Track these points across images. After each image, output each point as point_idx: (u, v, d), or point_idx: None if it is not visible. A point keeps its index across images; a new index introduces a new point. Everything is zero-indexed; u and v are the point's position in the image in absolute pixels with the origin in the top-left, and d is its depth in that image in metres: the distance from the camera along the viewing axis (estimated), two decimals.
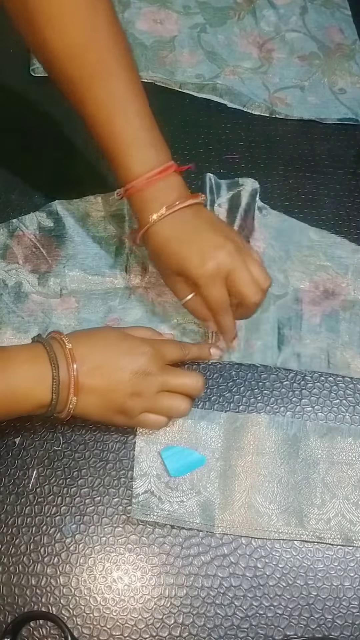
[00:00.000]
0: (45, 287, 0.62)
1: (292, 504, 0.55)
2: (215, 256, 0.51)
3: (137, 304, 0.62)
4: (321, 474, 0.56)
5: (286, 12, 0.84)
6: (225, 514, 0.54)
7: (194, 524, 0.54)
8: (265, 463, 0.56)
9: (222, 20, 0.83)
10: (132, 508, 0.54)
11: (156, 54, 0.79)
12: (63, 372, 0.49)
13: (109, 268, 0.64)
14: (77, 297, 0.62)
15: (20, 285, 0.62)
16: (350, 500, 0.55)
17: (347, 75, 0.80)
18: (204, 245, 0.51)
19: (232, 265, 0.51)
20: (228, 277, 0.52)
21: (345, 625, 0.52)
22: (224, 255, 0.51)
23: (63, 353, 0.50)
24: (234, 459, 0.56)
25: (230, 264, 0.51)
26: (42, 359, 0.49)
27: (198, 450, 0.56)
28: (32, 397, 0.49)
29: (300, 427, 0.57)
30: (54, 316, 0.61)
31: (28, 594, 0.51)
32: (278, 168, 0.72)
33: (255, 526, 0.54)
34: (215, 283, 0.52)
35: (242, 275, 0.52)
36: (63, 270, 0.63)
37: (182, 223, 0.52)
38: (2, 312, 0.61)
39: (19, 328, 0.60)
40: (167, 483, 0.55)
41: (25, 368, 0.49)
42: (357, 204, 0.71)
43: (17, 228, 0.65)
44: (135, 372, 0.51)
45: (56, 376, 0.49)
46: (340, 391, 0.60)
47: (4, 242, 0.64)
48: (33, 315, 0.61)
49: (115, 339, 0.53)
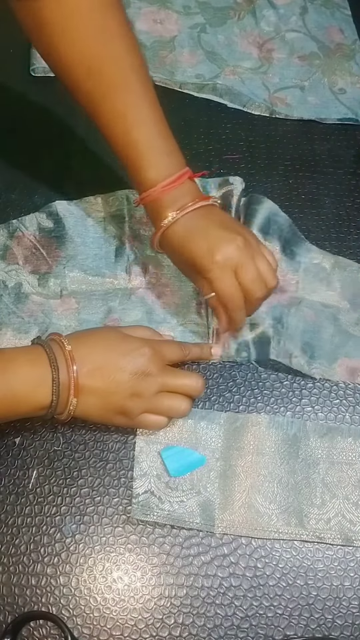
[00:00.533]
0: (45, 287, 0.62)
1: (292, 504, 0.55)
2: (223, 250, 0.52)
3: (137, 304, 0.62)
4: (321, 474, 0.56)
5: (286, 12, 0.84)
6: (225, 514, 0.54)
7: (194, 524, 0.54)
8: (265, 463, 0.56)
9: (222, 20, 0.83)
10: (132, 508, 0.54)
11: (156, 54, 0.79)
12: (63, 374, 0.49)
13: (109, 269, 0.64)
14: (77, 297, 0.62)
15: (20, 286, 0.62)
16: (350, 500, 0.55)
17: (347, 75, 0.80)
18: (213, 241, 0.52)
19: (239, 259, 0.52)
20: (236, 271, 0.52)
21: (345, 625, 0.52)
22: (232, 249, 0.52)
23: (63, 355, 0.50)
24: (234, 459, 0.56)
25: (238, 257, 0.52)
26: (42, 361, 0.49)
27: (198, 450, 0.56)
28: (33, 399, 0.49)
29: (300, 427, 0.57)
30: (54, 317, 0.61)
31: (28, 594, 0.51)
32: (278, 168, 0.72)
33: (255, 526, 0.54)
34: (224, 276, 0.52)
35: (249, 270, 0.52)
36: (63, 271, 0.63)
37: (194, 223, 0.53)
38: (2, 313, 0.61)
39: (19, 329, 0.60)
40: (167, 483, 0.55)
41: (25, 370, 0.49)
42: (357, 204, 0.71)
43: (17, 229, 0.65)
44: (135, 373, 0.51)
45: (56, 378, 0.49)
46: (340, 391, 0.60)
47: (4, 242, 0.64)
48: (33, 316, 0.61)
49: (115, 340, 0.53)
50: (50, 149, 0.72)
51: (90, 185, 0.68)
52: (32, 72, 0.76)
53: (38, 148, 0.72)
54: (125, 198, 0.67)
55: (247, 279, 0.52)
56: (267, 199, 0.67)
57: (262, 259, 0.54)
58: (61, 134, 0.73)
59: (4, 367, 0.49)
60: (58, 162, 0.71)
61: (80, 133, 0.72)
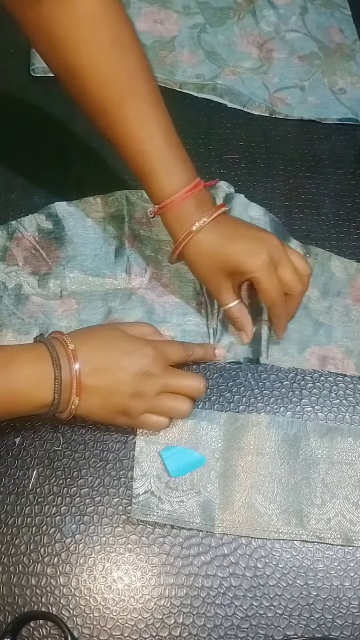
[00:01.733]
0: (45, 288, 0.62)
1: (292, 504, 0.55)
2: (266, 249, 0.53)
3: (137, 304, 0.62)
4: (321, 474, 0.56)
5: (286, 12, 0.84)
6: (225, 514, 0.54)
7: (194, 524, 0.54)
8: (265, 463, 0.56)
9: (222, 20, 0.83)
10: (132, 508, 0.54)
11: (156, 54, 0.79)
12: (65, 373, 0.49)
13: (108, 269, 0.64)
14: (78, 298, 0.62)
15: (20, 287, 0.62)
16: (351, 500, 0.55)
17: (347, 75, 0.80)
18: (252, 242, 0.54)
19: (279, 256, 0.54)
20: (276, 269, 0.54)
21: (345, 625, 0.52)
22: (273, 248, 0.54)
23: (65, 353, 0.50)
24: (234, 459, 0.56)
25: (278, 254, 0.54)
26: (45, 359, 0.49)
27: (198, 451, 0.56)
28: (35, 397, 0.49)
29: (300, 427, 0.57)
30: (54, 318, 0.61)
31: (28, 594, 0.51)
32: (278, 168, 0.72)
33: (256, 526, 0.54)
34: (271, 273, 0.54)
35: (289, 265, 0.55)
36: (63, 272, 0.63)
37: (223, 227, 0.55)
38: (2, 315, 0.61)
39: (20, 330, 0.60)
40: (167, 483, 0.55)
41: (27, 368, 0.49)
42: (357, 204, 0.71)
43: (17, 230, 0.65)
44: (138, 374, 0.51)
45: (58, 376, 0.49)
46: (340, 391, 0.60)
47: (4, 244, 0.64)
48: (34, 317, 0.61)
49: (118, 339, 0.53)
50: (50, 149, 0.72)
51: (89, 186, 0.68)
52: (32, 72, 0.76)
53: (38, 148, 0.72)
54: (125, 198, 0.67)
55: (287, 275, 0.54)
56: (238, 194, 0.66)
57: (293, 252, 0.56)
58: (61, 134, 0.73)
59: (6, 364, 0.49)
60: (58, 163, 0.71)
61: (80, 133, 0.72)
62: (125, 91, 0.52)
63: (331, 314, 0.63)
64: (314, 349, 0.61)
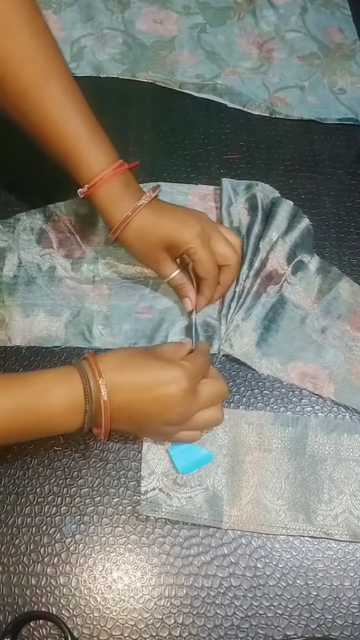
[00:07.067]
0: (78, 272, 0.64)
1: (299, 500, 0.55)
2: (198, 222, 0.57)
3: (167, 292, 0.63)
4: (328, 471, 0.56)
5: (286, 12, 0.84)
6: (233, 509, 0.54)
7: (202, 519, 0.54)
8: (272, 459, 0.56)
9: (222, 20, 0.83)
10: (140, 505, 0.54)
11: (156, 54, 0.79)
12: (97, 406, 0.48)
13: None
14: (109, 284, 0.64)
15: (54, 270, 0.64)
16: (358, 496, 0.55)
17: (347, 75, 0.80)
18: (185, 215, 0.57)
19: (211, 229, 0.58)
20: (210, 241, 0.57)
21: (345, 625, 0.52)
22: (204, 222, 0.57)
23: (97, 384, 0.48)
24: (242, 455, 0.56)
25: (210, 228, 0.58)
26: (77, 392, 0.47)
27: (205, 447, 0.56)
28: (64, 426, 0.48)
29: (306, 424, 0.57)
30: (86, 301, 0.62)
31: (28, 594, 0.51)
32: (278, 168, 0.72)
33: (263, 522, 0.54)
34: (205, 244, 0.56)
35: (220, 237, 0.58)
36: (96, 258, 0.64)
37: (159, 207, 0.57)
38: (35, 295, 0.62)
39: (52, 311, 0.62)
40: (175, 480, 0.55)
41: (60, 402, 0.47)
42: (357, 204, 0.71)
43: (54, 213, 0.66)
44: (167, 424, 0.51)
45: (89, 410, 0.47)
46: None
47: (40, 227, 0.66)
48: (66, 300, 0.62)
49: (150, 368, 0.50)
50: None
51: None
52: None
53: (38, 148, 0.71)
54: None
55: (221, 246, 0.58)
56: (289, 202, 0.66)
57: (224, 229, 0.60)
58: None
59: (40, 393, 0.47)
60: None
61: None
62: (46, 71, 0.52)
63: (325, 334, 0.62)
64: (298, 364, 0.60)
